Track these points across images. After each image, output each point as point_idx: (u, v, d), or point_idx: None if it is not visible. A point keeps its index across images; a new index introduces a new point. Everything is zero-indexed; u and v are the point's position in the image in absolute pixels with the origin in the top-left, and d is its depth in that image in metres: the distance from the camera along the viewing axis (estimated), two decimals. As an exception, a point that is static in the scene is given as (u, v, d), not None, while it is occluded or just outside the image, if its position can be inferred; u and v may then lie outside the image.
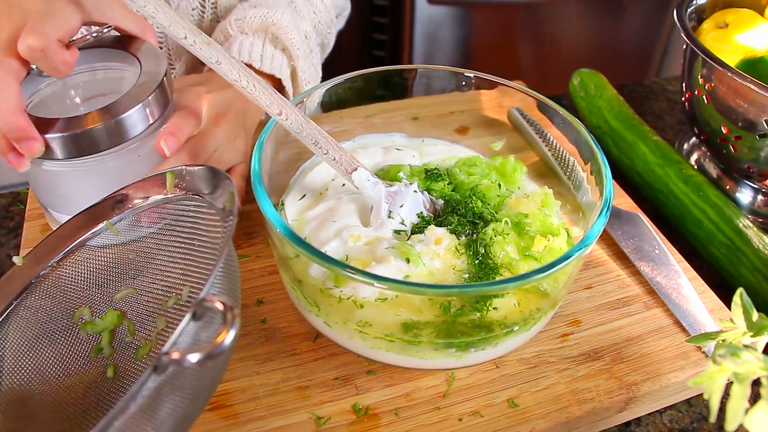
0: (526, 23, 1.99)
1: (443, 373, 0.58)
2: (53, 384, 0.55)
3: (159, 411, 0.39)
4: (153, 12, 0.53)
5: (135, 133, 0.61)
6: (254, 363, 0.58)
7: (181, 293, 0.55)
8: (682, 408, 0.62)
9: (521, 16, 1.97)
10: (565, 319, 0.64)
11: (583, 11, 2.00)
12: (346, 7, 1.04)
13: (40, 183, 0.64)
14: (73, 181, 0.62)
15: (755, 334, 0.48)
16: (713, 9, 0.89)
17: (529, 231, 0.58)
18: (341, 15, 1.03)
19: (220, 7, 0.88)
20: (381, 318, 0.52)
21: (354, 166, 0.59)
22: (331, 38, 1.00)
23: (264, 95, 0.56)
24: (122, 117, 0.59)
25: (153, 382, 0.36)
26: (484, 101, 0.76)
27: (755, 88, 0.71)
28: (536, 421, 0.55)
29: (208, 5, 0.88)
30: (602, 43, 2.09)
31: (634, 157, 0.85)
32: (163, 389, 0.37)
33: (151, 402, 0.37)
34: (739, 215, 0.74)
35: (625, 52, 2.13)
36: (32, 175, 0.64)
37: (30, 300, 0.58)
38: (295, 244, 0.49)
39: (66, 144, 0.58)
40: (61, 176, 0.62)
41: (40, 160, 0.60)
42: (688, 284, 0.67)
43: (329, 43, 1.01)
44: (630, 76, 2.15)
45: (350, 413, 0.55)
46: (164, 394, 0.37)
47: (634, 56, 2.14)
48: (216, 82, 0.73)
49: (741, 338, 0.49)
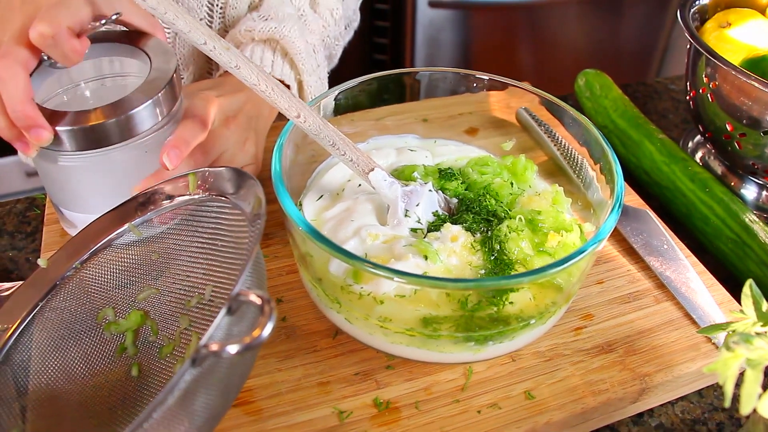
0: (526, 25, 2.01)
1: (461, 367, 0.60)
2: (80, 383, 0.56)
3: (193, 404, 0.40)
4: (173, 19, 0.54)
5: (143, 130, 0.62)
6: (276, 360, 0.60)
7: (203, 293, 0.56)
8: (694, 399, 0.63)
9: (521, 18, 1.99)
10: (578, 313, 0.65)
11: (583, 12, 2.02)
12: (355, 18, 1.05)
13: (50, 179, 0.66)
14: (81, 176, 0.64)
15: (765, 323, 0.50)
16: (715, 9, 0.91)
17: (542, 227, 0.60)
18: (350, 26, 1.04)
19: (228, 18, 0.90)
20: (401, 313, 0.53)
21: (371, 166, 0.61)
22: (338, 50, 1.01)
23: (282, 98, 0.57)
24: (132, 113, 0.60)
25: (190, 375, 0.37)
26: (493, 102, 0.78)
27: (759, 86, 0.73)
28: (552, 412, 0.57)
29: (216, 15, 0.89)
30: (603, 43, 2.11)
31: (640, 156, 0.86)
32: (198, 383, 0.38)
33: (187, 395, 0.38)
34: (745, 211, 0.76)
35: (625, 52, 2.15)
36: (43, 172, 0.65)
37: (55, 302, 0.59)
38: (318, 241, 0.50)
39: (75, 137, 0.59)
40: (69, 171, 0.64)
41: (48, 154, 0.61)
42: (696, 278, 0.69)
43: (336, 54, 1.02)
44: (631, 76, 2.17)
45: (371, 407, 0.56)
46: (199, 387, 0.39)
47: (635, 56, 2.16)
48: (227, 86, 0.74)
49: (751, 328, 0.50)
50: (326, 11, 0.91)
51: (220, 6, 0.88)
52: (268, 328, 0.36)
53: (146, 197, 0.59)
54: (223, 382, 0.42)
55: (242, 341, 0.36)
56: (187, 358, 0.37)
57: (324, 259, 0.56)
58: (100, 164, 0.63)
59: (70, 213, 0.68)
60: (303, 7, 0.86)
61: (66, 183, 0.65)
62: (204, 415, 0.41)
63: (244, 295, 0.38)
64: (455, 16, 1.91)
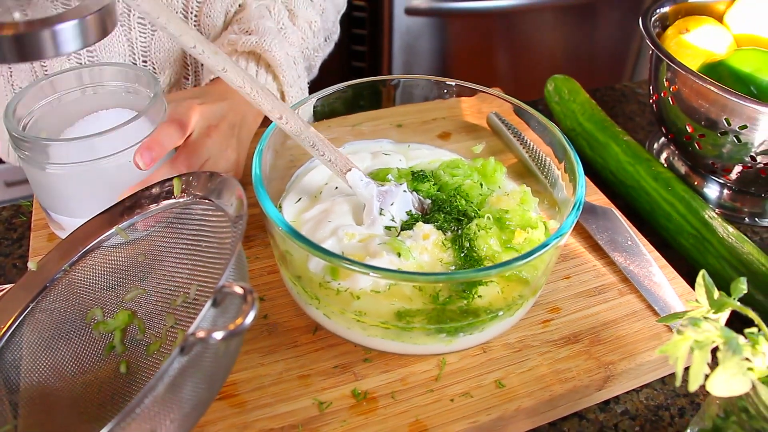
0: (502, 31, 2.04)
1: (435, 359, 0.63)
2: (70, 380, 0.58)
3: (182, 391, 0.43)
4: (165, 23, 0.57)
5: (132, 143, 0.65)
6: (258, 355, 0.62)
7: (189, 292, 0.59)
8: (657, 386, 0.67)
9: (497, 25, 2.02)
10: (546, 306, 0.69)
11: (557, 19, 2.06)
12: (335, 31, 1.08)
13: (38, 185, 0.69)
14: (68, 183, 0.67)
15: (717, 310, 0.53)
16: (676, 16, 0.95)
17: (509, 225, 0.63)
18: (330, 39, 1.07)
19: (204, 27, 0.93)
20: (376, 307, 0.56)
21: (348, 167, 0.64)
22: (317, 62, 1.04)
23: (266, 101, 0.60)
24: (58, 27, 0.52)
25: (178, 363, 0.40)
26: (464, 108, 0.81)
27: (715, 90, 0.77)
28: (522, 400, 0.60)
29: (191, 25, 0.92)
30: (578, 49, 2.15)
31: (606, 157, 0.90)
32: (186, 370, 0.41)
33: (176, 382, 0.41)
34: (705, 207, 0.80)
35: (600, 58, 2.19)
36: (30, 177, 0.68)
37: (45, 303, 0.61)
38: (297, 240, 0.53)
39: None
40: (56, 179, 0.66)
41: (35, 161, 0.64)
42: (659, 272, 0.73)
43: (315, 66, 1.04)
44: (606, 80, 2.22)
45: (350, 398, 0.59)
46: (187, 375, 0.42)
47: (609, 61, 2.21)
48: (211, 95, 0.77)
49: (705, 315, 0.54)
50: (305, 23, 0.94)
51: (195, 14, 0.91)
52: (250, 316, 0.39)
53: (133, 201, 0.61)
54: (209, 370, 0.45)
55: (227, 328, 0.39)
56: (176, 347, 0.39)
57: (303, 257, 0.59)
58: (87, 173, 0.65)
59: (57, 216, 0.70)
60: (282, 20, 0.89)
61: (53, 189, 0.68)
62: (191, 401, 0.44)
63: (228, 287, 0.41)
64: (432, 23, 1.94)
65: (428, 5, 1.89)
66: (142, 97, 0.73)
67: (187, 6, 0.91)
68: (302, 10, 0.94)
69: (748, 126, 0.77)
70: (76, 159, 0.64)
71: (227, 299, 0.42)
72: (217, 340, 0.39)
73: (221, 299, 0.41)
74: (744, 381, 0.46)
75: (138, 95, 0.74)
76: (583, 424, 0.63)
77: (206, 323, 0.41)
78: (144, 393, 0.39)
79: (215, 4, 0.91)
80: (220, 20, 0.93)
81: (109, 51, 0.90)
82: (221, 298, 0.41)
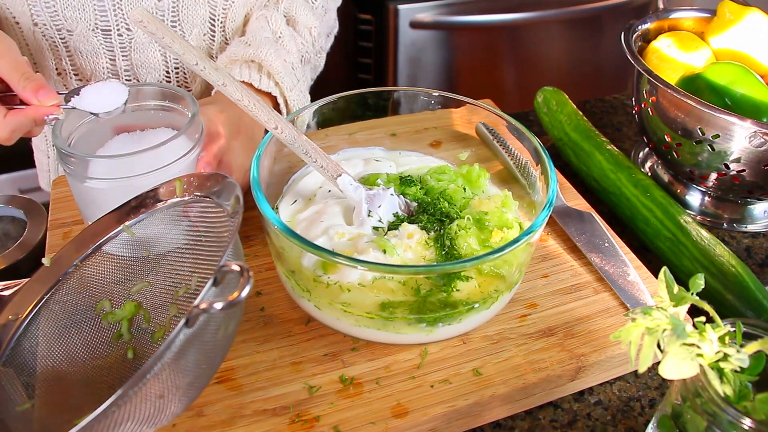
0: (506, 45, 2.07)
1: (417, 349, 0.67)
2: (82, 366, 0.63)
3: (186, 360, 0.48)
4: (170, 42, 0.62)
5: (168, 162, 0.69)
6: (255, 344, 0.67)
7: (190, 284, 0.64)
8: (630, 379, 0.71)
9: (501, 38, 2.06)
10: (524, 302, 0.73)
11: (562, 32, 2.09)
12: (335, 26, 1.13)
13: (78, 195, 0.74)
14: (107, 196, 0.70)
15: (677, 303, 0.58)
16: (658, 31, 1.00)
17: (488, 226, 0.68)
18: (331, 33, 1.12)
19: (228, 31, 0.99)
20: (362, 299, 0.62)
21: (339, 172, 0.69)
22: (321, 60, 1.10)
23: (262, 112, 0.66)
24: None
25: (184, 335, 0.45)
26: (455, 118, 0.87)
27: (689, 102, 0.82)
28: (497, 387, 0.64)
29: (218, 30, 0.98)
30: (581, 62, 2.18)
31: (590, 165, 0.95)
32: (191, 342, 0.46)
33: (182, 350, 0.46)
34: (681, 213, 0.84)
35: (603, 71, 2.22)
36: (72, 188, 0.73)
37: (58, 295, 0.66)
38: (291, 238, 0.58)
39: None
40: (95, 192, 0.70)
41: (77, 174, 0.69)
42: (633, 272, 0.77)
43: (320, 64, 1.10)
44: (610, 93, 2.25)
45: (338, 383, 0.64)
46: (192, 345, 0.47)
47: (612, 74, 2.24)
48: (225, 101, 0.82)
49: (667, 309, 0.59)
50: (305, 29, 1.00)
51: (221, 21, 0.97)
52: (246, 289, 0.44)
53: (138, 201, 0.67)
54: (209, 344, 0.50)
55: (226, 299, 0.44)
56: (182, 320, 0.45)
57: (297, 253, 0.64)
58: (124, 188, 0.69)
59: None
60: (280, 30, 0.95)
61: (92, 201, 0.72)
62: (194, 372, 0.49)
63: (227, 266, 0.46)
64: (436, 36, 1.98)
65: (433, 19, 1.93)
66: (175, 114, 0.77)
67: (213, 13, 0.96)
68: (302, 16, 1.00)
69: (721, 135, 0.82)
70: (114, 175, 0.68)
71: (226, 278, 0.47)
72: (218, 310, 0.44)
73: (221, 278, 0.47)
74: (692, 365, 0.51)
75: (172, 113, 0.77)
76: (557, 413, 0.68)
77: (209, 299, 0.47)
78: (154, 359, 0.44)
79: (238, 9, 0.98)
80: (241, 22, 1.00)
81: (146, 67, 0.98)
82: (221, 277, 0.47)
